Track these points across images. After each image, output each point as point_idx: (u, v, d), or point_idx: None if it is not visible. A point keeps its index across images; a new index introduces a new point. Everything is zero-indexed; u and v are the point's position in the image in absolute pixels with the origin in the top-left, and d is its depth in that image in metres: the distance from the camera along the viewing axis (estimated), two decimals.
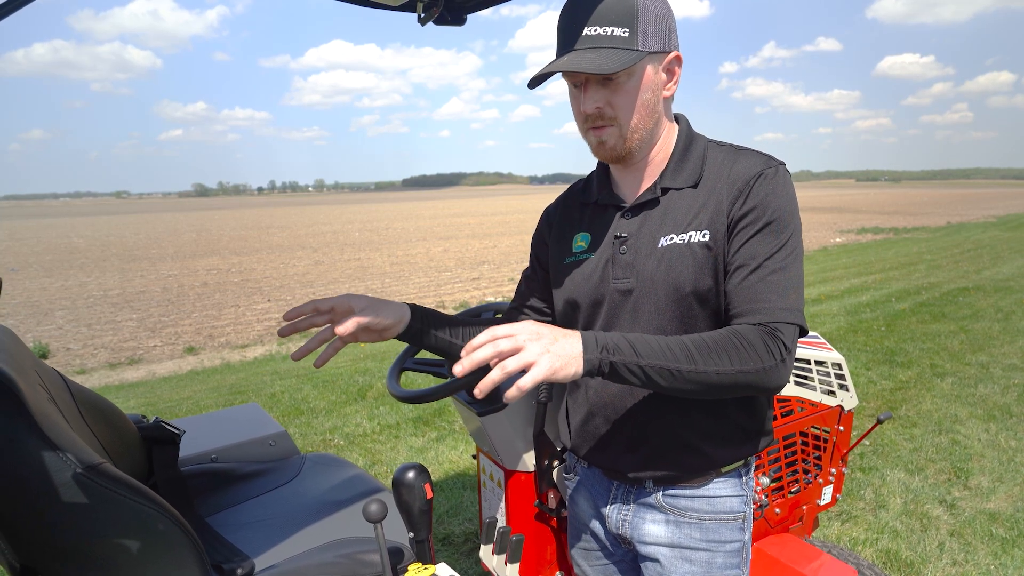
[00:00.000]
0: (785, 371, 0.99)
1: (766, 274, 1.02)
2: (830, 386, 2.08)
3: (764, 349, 0.97)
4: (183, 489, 1.48)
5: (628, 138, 1.09)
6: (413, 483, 1.12)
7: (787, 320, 1.00)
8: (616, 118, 1.07)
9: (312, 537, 1.36)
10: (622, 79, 1.04)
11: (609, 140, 1.09)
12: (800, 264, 1.05)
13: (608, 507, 1.26)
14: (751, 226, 1.04)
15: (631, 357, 0.92)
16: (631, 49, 1.02)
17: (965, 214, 33.56)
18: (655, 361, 0.93)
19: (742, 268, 1.04)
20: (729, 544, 1.19)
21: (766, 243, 1.04)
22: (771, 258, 1.03)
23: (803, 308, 1.04)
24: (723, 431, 1.16)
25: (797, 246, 1.05)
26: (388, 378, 1.69)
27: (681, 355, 0.94)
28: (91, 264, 21.18)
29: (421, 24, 1.99)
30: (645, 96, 1.07)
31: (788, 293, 1.02)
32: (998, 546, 2.83)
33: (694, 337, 0.98)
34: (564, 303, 1.24)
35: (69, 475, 0.90)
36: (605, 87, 1.06)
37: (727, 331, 0.99)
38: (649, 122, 1.10)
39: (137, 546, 0.95)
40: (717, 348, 0.96)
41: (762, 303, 1.01)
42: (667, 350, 0.94)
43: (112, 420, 1.37)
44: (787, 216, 1.05)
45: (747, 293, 1.03)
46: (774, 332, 0.99)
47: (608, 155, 1.13)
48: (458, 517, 3.19)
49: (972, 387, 4.95)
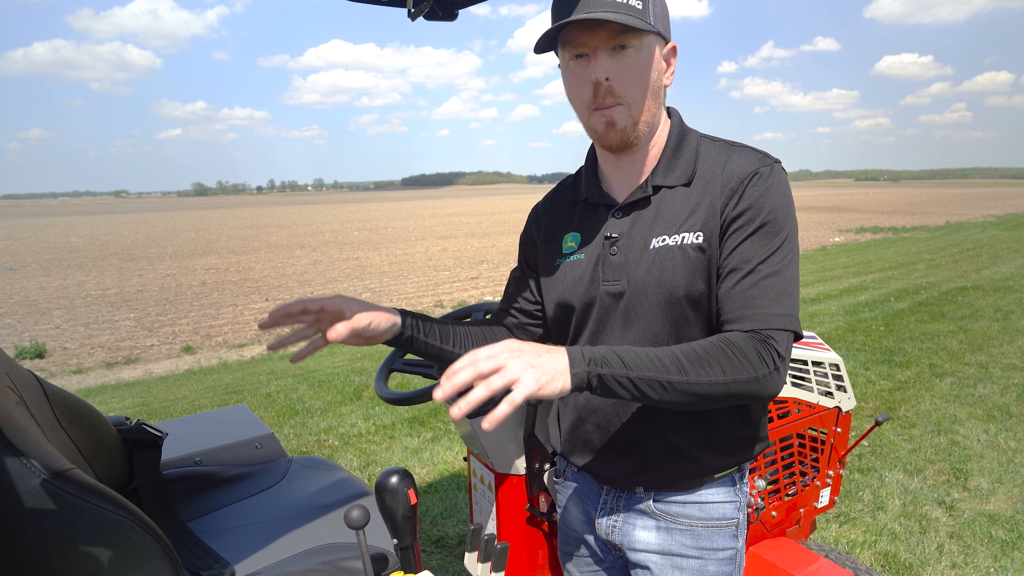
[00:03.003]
0: (779, 379, 0.96)
1: (759, 279, 0.99)
2: (828, 387, 2.05)
3: (757, 358, 0.94)
4: (165, 493, 1.45)
5: (636, 120, 1.04)
6: (396, 488, 1.09)
7: (781, 327, 0.97)
8: (625, 95, 1.02)
9: (295, 543, 1.33)
10: (632, 53, 1.00)
11: (620, 120, 1.03)
12: (795, 267, 1.02)
13: (598, 513, 1.23)
14: (744, 228, 1.01)
15: (620, 369, 0.89)
16: (645, 20, 0.99)
17: (964, 213, 33.54)
18: (645, 373, 0.90)
19: (735, 272, 1.00)
20: (721, 552, 1.16)
21: (760, 246, 1.00)
22: (765, 262, 0.99)
23: (798, 313, 1.00)
24: (716, 438, 1.12)
25: (792, 248, 1.02)
26: (376, 379, 1.66)
27: (672, 366, 0.91)
28: (89, 263, 21.12)
29: (411, 19, 1.95)
30: (652, 75, 1.03)
31: (782, 298, 0.98)
32: (998, 548, 2.80)
33: (684, 347, 0.94)
34: (555, 306, 1.20)
35: (35, 482, 0.86)
36: (614, 58, 1.00)
37: (718, 340, 0.96)
38: (655, 105, 1.06)
39: (107, 555, 0.91)
40: (708, 358, 0.92)
41: (755, 309, 0.98)
42: (656, 361, 0.91)
43: (91, 423, 1.34)
44: (782, 217, 1.01)
45: (740, 299, 0.99)
46: (767, 340, 0.96)
47: (617, 138, 1.05)
48: (452, 519, 3.16)
49: (971, 387, 4.93)
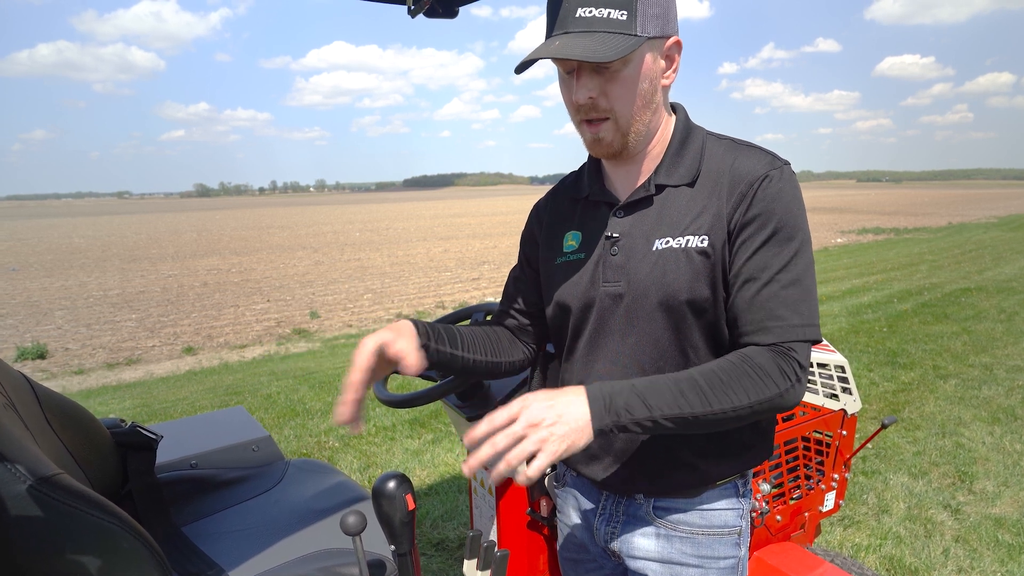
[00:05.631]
0: (801, 390, 0.94)
1: (778, 289, 0.95)
2: (833, 389, 2.02)
3: (779, 373, 0.92)
4: (159, 497, 1.42)
5: (625, 133, 1.01)
6: (394, 494, 1.06)
7: (801, 338, 0.95)
8: (612, 110, 0.99)
9: (291, 548, 1.30)
10: (618, 67, 0.96)
11: (606, 137, 1.01)
12: (812, 272, 0.99)
13: (597, 519, 1.20)
14: (757, 235, 0.97)
15: (642, 412, 0.88)
16: (629, 34, 0.94)
17: (966, 214, 33.47)
18: (667, 411, 0.88)
19: (752, 282, 0.97)
20: (723, 560, 1.12)
21: (776, 254, 0.96)
22: (783, 270, 0.96)
23: (818, 319, 0.97)
24: (720, 447, 1.09)
25: (808, 253, 0.98)
26: (375, 382, 1.63)
27: (694, 398, 0.89)
28: (91, 264, 21.15)
29: (411, 16, 1.93)
30: (643, 86, 0.99)
31: (801, 307, 0.95)
32: (1004, 552, 2.77)
33: (706, 371, 0.92)
34: (554, 306, 1.17)
35: (20, 488, 0.84)
36: (599, 75, 0.97)
37: (738, 359, 0.93)
38: (647, 114, 1.02)
39: (96, 563, 0.89)
40: (731, 381, 0.90)
41: (775, 321, 0.95)
42: (679, 395, 0.89)
43: (83, 426, 1.31)
44: (796, 222, 0.98)
45: (759, 311, 0.96)
46: (787, 352, 0.93)
47: (605, 152, 1.05)
48: (452, 522, 3.14)
49: (976, 389, 4.89)
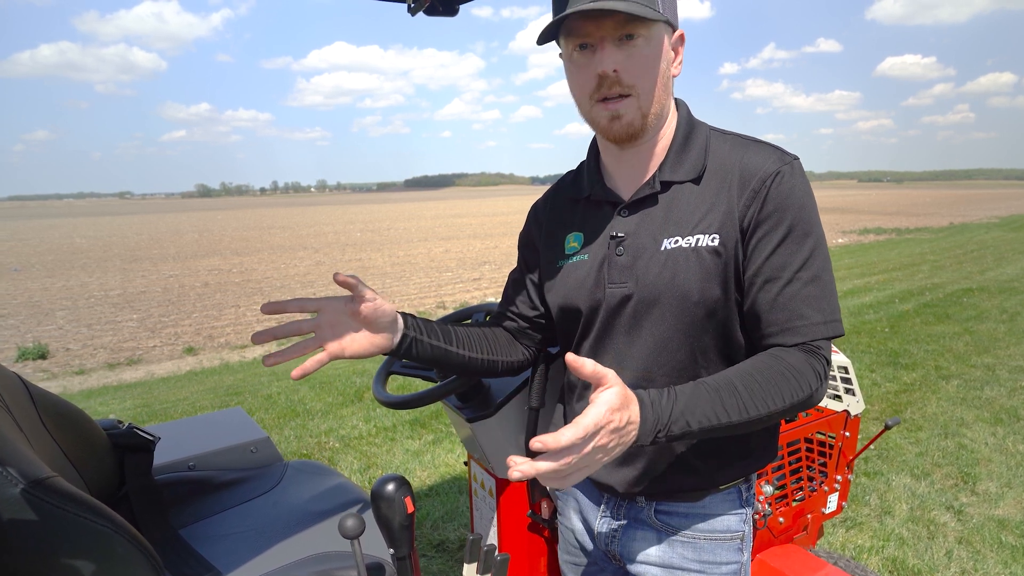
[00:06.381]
0: (825, 388, 0.95)
1: (800, 287, 0.95)
2: (836, 390, 2.01)
3: (812, 374, 0.92)
4: (157, 499, 1.41)
5: (646, 113, 0.99)
6: (393, 496, 1.05)
7: (826, 335, 0.95)
8: (635, 86, 0.96)
9: (289, 551, 1.29)
10: (640, 43, 0.95)
11: (627, 114, 0.98)
12: (829, 267, 0.98)
13: (598, 522, 1.19)
14: (773, 233, 0.96)
15: (682, 428, 0.86)
16: (653, 8, 0.94)
17: (967, 215, 33.41)
18: (707, 424, 0.87)
19: (773, 282, 0.96)
20: (725, 566, 1.11)
21: (794, 251, 0.96)
22: (803, 268, 0.95)
23: (839, 312, 0.97)
24: (725, 450, 1.07)
25: (823, 248, 0.98)
26: (374, 383, 1.61)
27: (732, 406, 0.88)
28: (93, 264, 21.16)
29: (411, 13, 1.92)
30: (662, 65, 0.99)
31: (824, 304, 0.95)
32: (1008, 554, 2.75)
33: (742, 374, 0.91)
34: (559, 309, 1.15)
35: (13, 492, 0.83)
36: (622, 49, 0.95)
37: (772, 360, 0.93)
38: (664, 96, 1.01)
39: (90, 568, 0.88)
40: (767, 384, 0.90)
41: (801, 320, 0.94)
42: (719, 405, 0.88)
43: (79, 427, 1.30)
44: (810, 217, 0.97)
45: (782, 311, 0.95)
46: (816, 351, 0.94)
47: (623, 131, 0.99)
48: (453, 523, 3.12)
49: (978, 389, 4.87)
